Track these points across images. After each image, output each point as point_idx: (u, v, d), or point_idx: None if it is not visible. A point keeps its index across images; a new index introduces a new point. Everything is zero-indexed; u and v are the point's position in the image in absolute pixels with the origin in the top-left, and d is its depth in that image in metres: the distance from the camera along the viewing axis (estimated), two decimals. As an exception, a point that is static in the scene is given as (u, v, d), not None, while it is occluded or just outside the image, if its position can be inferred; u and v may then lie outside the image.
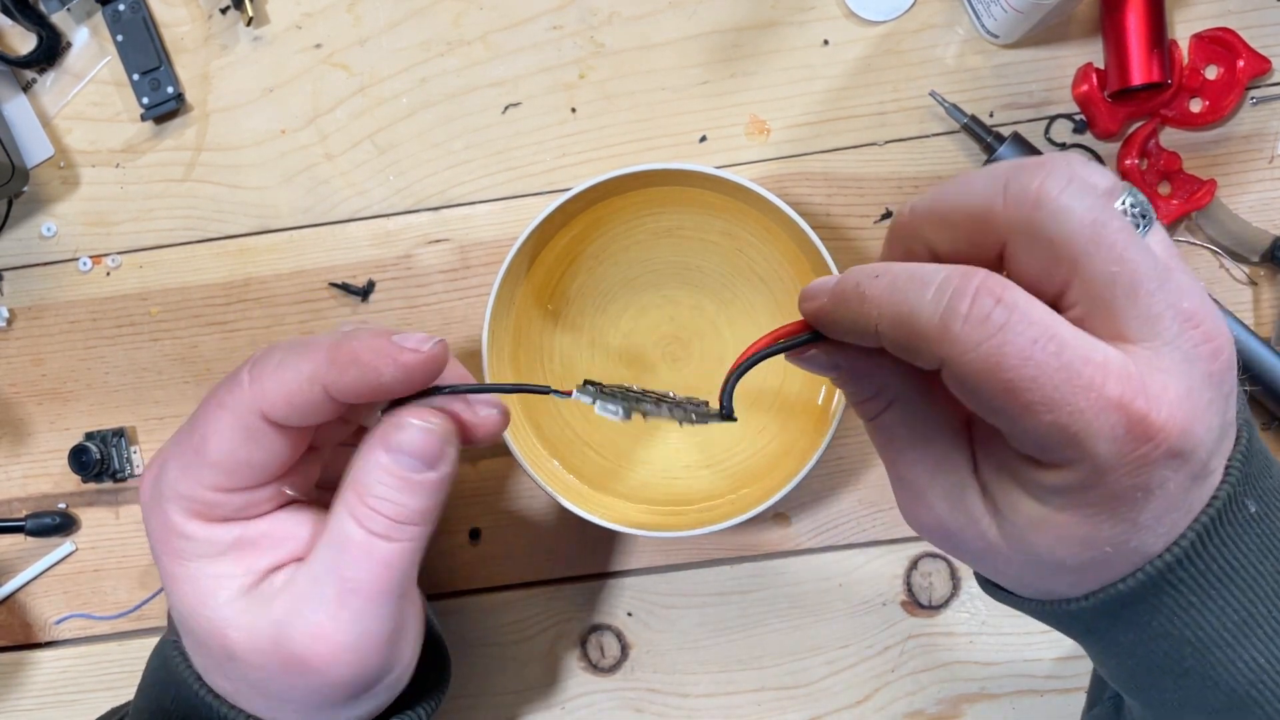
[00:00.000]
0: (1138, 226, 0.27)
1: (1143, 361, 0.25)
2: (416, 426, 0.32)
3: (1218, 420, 0.26)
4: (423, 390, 0.32)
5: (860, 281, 0.27)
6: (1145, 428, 0.25)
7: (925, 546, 0.50)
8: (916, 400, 0.30)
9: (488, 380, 0.46)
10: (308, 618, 0.32)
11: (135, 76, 0.50)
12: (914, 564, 0.50)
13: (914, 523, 0.31)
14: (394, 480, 0.32)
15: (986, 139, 0.47)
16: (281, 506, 0.34)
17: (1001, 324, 0.25)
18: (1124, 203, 0.27)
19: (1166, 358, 0.25)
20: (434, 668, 0.40)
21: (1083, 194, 0.26)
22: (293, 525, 0.34)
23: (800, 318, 0.31)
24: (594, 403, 0.33)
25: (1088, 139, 0.48)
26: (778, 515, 0.51)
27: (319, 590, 0.32)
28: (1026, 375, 0.25)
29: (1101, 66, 0.47)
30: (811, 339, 0.30)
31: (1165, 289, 0.26)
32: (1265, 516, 0.29)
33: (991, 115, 0.49)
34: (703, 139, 0.50)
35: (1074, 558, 0.27)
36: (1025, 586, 0.31)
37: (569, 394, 0.33)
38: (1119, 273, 0.25)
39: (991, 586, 0.33)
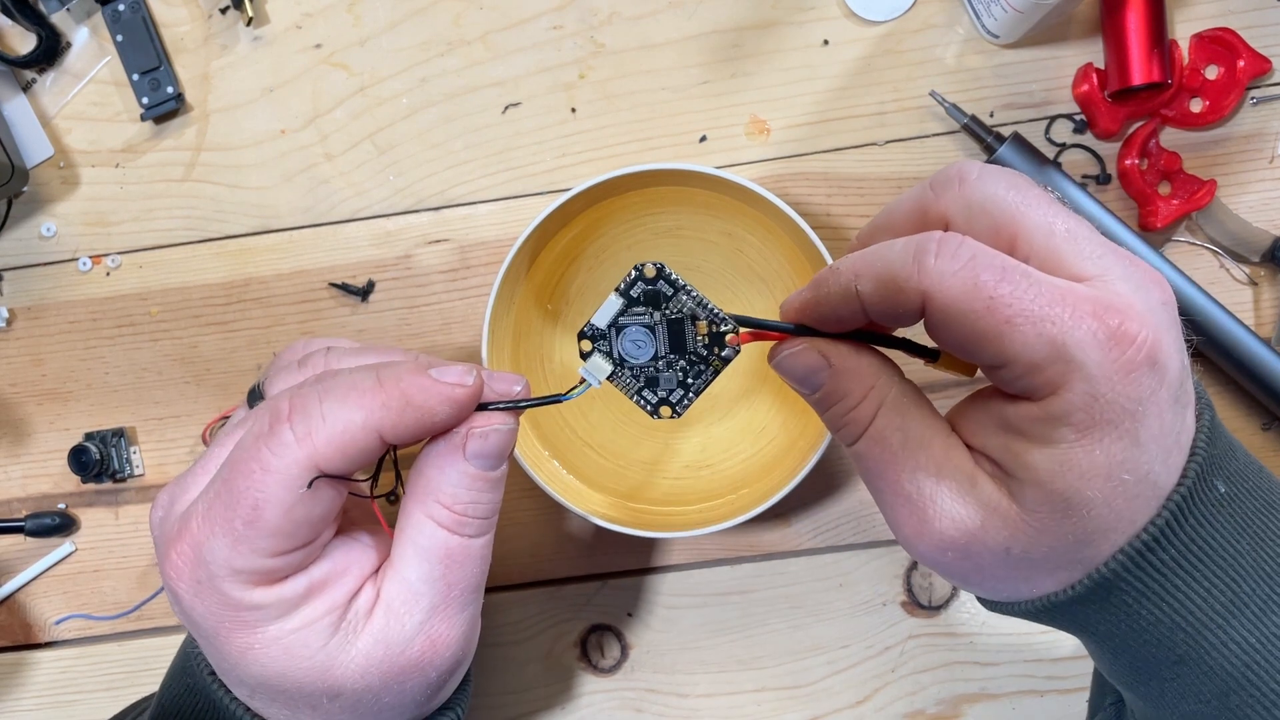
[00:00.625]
0: None
1: (1100, 288, 0.27)
2: (499, 431, 0.33)
3: (1179, 347, 0.28)
4: None
5: (833, 265, 0.30)
6: (1123, 333, 0.26)
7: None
8: (906, 400, 0.31)
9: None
10: (420, 626, 0.33)
11: (135, 76, 0.50)
12: (914, 564, 0.50)
13: (925, 543, 0.30)
14: (479, 483, 0.33)
15: (986, 139, 0.47)
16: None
17: (971, 255, 0.27)
18: None
19: (1120, 285, 0.27)
20: None
21: (998, 172, 0.29)
22: (349, 550, 0.34)
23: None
24: (610, 366, 0.34)
25: (1088, 139, 0.48)
26: (778, 515, 0.51)
27: (421, 601, 0.33)
28: (1005, 291, 0.27)
29: (1101, 66, 0.47)
30: (799, 331, 0.32)
31: (1099, 236, 0.29)
32: (1235, 497, 0.29)
33: (991, 115, 0.49)
34: (703, 139, 0.50)
35: (1099, 491, 0.27)
36: (1052, 561, 0.29)
37: (579, 386, 0.34)
38: (1055, 222, 0.28)
39: (990, 598, 0.33)
